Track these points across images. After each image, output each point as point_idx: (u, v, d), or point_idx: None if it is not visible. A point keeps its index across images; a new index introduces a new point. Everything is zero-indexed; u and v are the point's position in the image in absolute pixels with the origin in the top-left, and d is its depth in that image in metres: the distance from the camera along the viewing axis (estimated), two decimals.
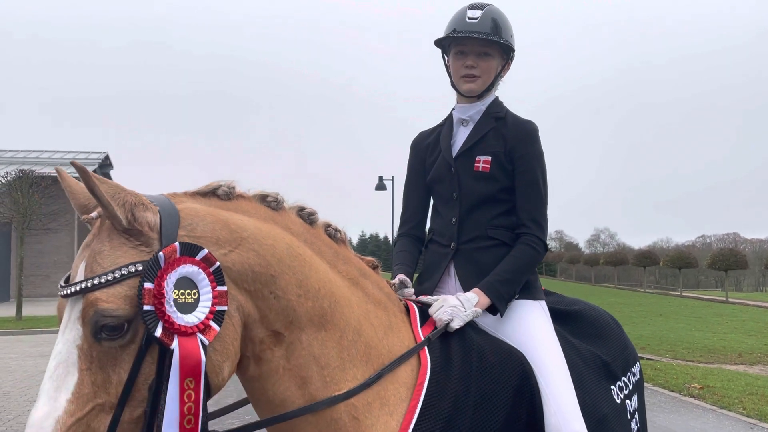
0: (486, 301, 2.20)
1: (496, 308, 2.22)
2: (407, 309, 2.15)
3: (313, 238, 1.92)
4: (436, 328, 2.07)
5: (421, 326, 2.08)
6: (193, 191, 1.76)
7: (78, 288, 1.46)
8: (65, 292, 1.50)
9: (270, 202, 1.86)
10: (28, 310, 19.61)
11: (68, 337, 1.47)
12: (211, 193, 1.77)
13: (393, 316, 2.04)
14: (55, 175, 1.70)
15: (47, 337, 14.56)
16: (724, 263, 37.67)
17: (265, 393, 1.77)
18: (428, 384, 1.87)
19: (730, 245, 73.62)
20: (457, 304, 2.11)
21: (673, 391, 9.39)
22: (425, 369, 1.90)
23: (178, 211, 1.60)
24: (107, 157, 28.86)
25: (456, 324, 2.07)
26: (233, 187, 1.81)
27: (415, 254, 2.53)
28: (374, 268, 2.14)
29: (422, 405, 1.82)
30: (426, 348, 1.97)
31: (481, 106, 2.45)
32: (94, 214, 1.57)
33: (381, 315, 1.99)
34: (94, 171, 26.26)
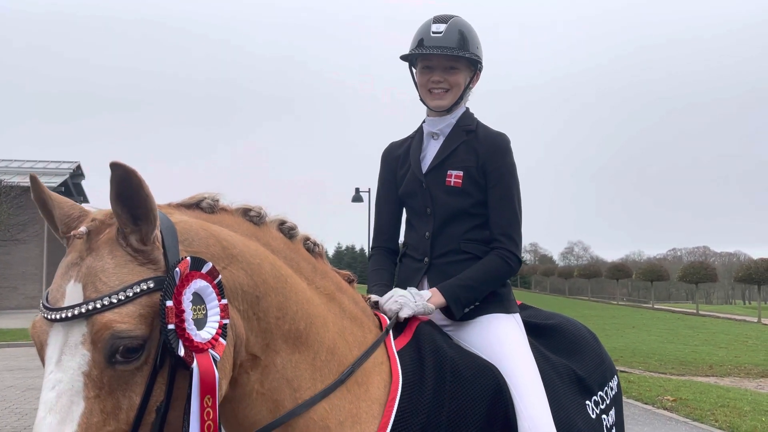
0: (440, 300, 2.19)
1: (451, 312, 2.21)
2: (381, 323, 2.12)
3: (293, 253, 1.89)
4: (390, 320, 2.08)
5: (395, 339, 2.04)
6: (178, 203, 1.70)
7: (82, 310, 1.34)
8: (60, 315, 1.36)
9: (252, 217, 1.82)
10: None
11: (71, 364, 1.34)
12: (195, 206, 1.71)
13: (368, 332, 2.01)
14: (26, 184, 1.61)
15: (14, 350, 14.18)
16: (695, 276, 38.26)
17: (236, 416, 1.71)
18: (400, 400, 1.84)
19: (700, 258, 74.84)
20: (405, 294, 2.12)
21: (646, 404, 9.46)
22: (397, 385, 1.87)
23: (174, 225, 1.53)
24: (79, 167, 28.34)
25: (405, 313, 2.08)
26: (217, 200, 1.76)
27: (390, 270, 2.50)
28: (350, 282, 2.11)
29: (394, 421, 1.79)
30: (399, 365, 1.94)
31: (452, 119, 2.43)
32: (83, 228, 1.44)
33: (356, 331, 1.96)
34: (65, 182, 25.88)
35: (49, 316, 1.39)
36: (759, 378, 13.23)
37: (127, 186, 1.38)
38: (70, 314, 1.36)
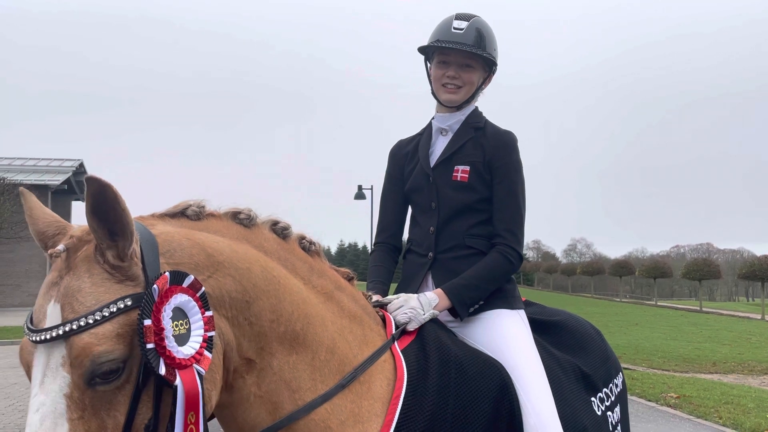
0: (446, 303, 2.19)
1: (456, 313, 2.21)
2: (384, 320, 2.10)
3: (287, 254, 1.86)
4: (397, 328, 2.06)
5: (398, 338, 2.03)
6: (162, 213, 1.67)
7: (60, 332, 1.33)
8: (40, 337, 1.35)
9: (242, 220, 1.79)
10: None
11: (52, 387, 1.33)
12: (180, 214, 1.68)
13: (368, 330, 1.99)
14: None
15: (18, 348, 14.20)
16: (698, 273, 38.23)
17: (236, 420, 1.70)
18: (404, 398, 1.82)
19: (704, 255, 74.77)
20: (416, 306, 2.11)
21: (649, 401, 9.44)
22: (401, 382, 1.85)
23: (155, 237, 1.50)
24: (81, 164, 28.33)
25: (412, 326, 2.07)
26: (203, 207, 1.73)
27: (390, 267, 2.50)
28: (349, 279, 2.09)
29: (398, 419, 1.77)
30: (403, 362, 1.92)
31: (461, 116, 2.44)
32: (60, 246, 1.42)
33: (356, 329, 1.94)
34: (67, 179, 25.91)
35: (32, 338, 1.38)
36: (762, 375, 13.21)
37: (102, 201, 1.35)
38: (48, 336, 1.35)
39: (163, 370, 1.36)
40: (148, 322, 1.36)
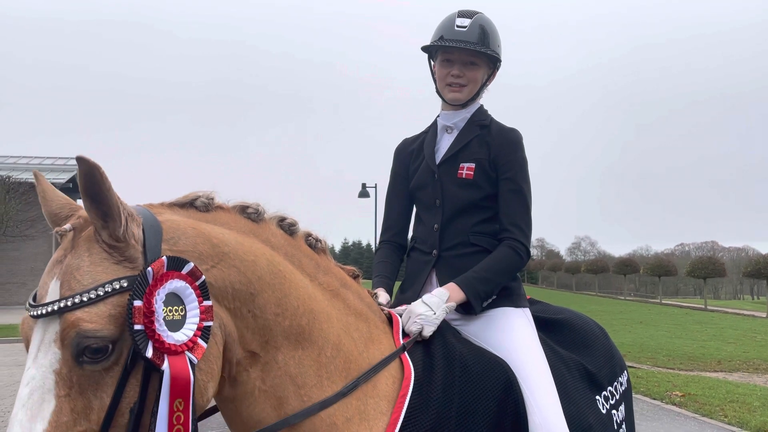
0: (460, 296, 2.16)
1: (470, 307, 2.18)
2: (390, 319, 2.10)
3: (294, 249, 1.86)
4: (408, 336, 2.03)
5: (404, 336, 2.03)
6: (171, 202, 1.68)
7: (55, 308, 1.35)
8: (37, 312, 1.38)
9: (250, 214, 1.80)
10: (3, 318, 19.24)
11: (43, 362, 1.35)
12: (189, 204, 1.69)
13: (374, 327, 1.98)
14: (33, 181, 1.61)
15: (23, 346, 14.24)
16: (703, 271, 38.11)
17: (240, 414, 1.70)
18: (411, 396, 1.82)
19: (708, 253, 74.58)
20: (423, 311, 2.06)
21: (654, 399, 9.42)
22: (408, 381, 1.85)
23: (160, 223, 1.52)
24: None
25: (428, 332, 2.03)
26: (212, 198, 1.73)
27: (395, 264, 2.49)
28: (355, 277, 2.08)
29: (404, 418, 1.77)
30: (411, 363, 1.91)
31: (466, 113, 2.44)
32: (67, 226, 1.45)
33: (362, 327, 1.94)
34: (71, 178, 25.98)
35: (30, 313, 1.41)
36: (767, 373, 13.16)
37: (91, 181, 1.37)
38: (44, 311, 1.37)
39: (150, 353, 1.36)
40: (138, 303, 1.37)
